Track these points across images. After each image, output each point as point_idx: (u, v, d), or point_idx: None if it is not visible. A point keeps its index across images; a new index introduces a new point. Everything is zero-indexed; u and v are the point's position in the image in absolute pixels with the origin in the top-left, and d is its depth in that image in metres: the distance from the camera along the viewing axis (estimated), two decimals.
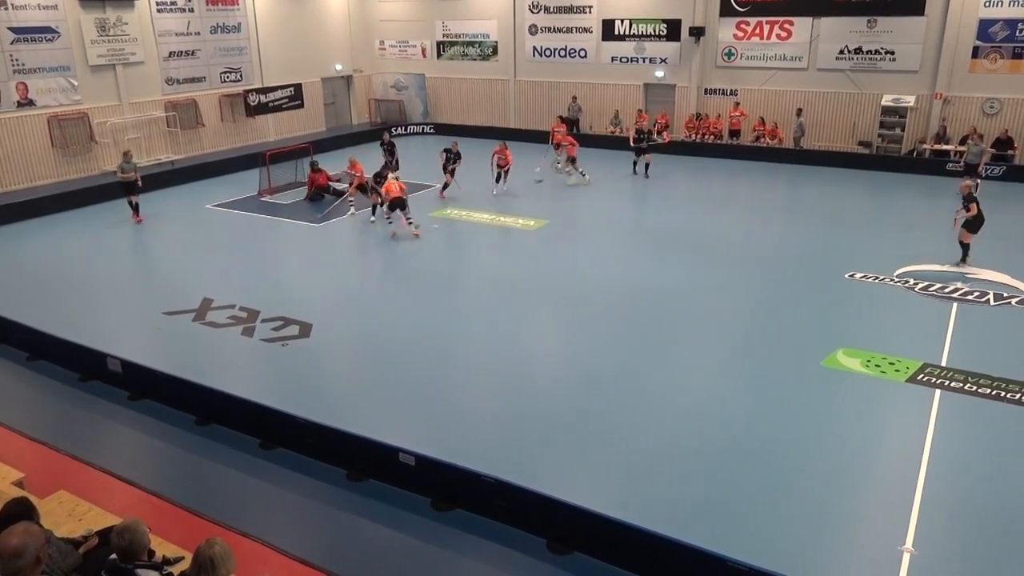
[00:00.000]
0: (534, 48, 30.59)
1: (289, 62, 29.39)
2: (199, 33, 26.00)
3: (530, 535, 7.26)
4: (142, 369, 10.08)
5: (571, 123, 29.41)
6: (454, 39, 32.31)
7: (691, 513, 7.52)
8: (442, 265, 15.61)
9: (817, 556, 7.01)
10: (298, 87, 29.62)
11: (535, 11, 30.11)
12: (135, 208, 18.69)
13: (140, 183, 18.76)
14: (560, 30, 29.89)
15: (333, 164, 22.33)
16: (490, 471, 7.55)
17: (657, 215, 19.49)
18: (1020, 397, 9.62)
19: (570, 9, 29.38)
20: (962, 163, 21.17)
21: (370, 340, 11.78)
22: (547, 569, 6.92)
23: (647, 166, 22.98)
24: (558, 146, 23.63)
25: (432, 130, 31.77)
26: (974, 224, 14.16)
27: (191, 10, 25.55)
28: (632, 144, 23.19)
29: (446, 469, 7.77)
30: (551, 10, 29.75)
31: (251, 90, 27.76)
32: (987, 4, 22.77)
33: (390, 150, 22.11)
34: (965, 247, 14.37)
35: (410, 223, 16.98)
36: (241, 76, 27.69)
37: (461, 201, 19.95)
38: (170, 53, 25.14)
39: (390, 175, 17.73)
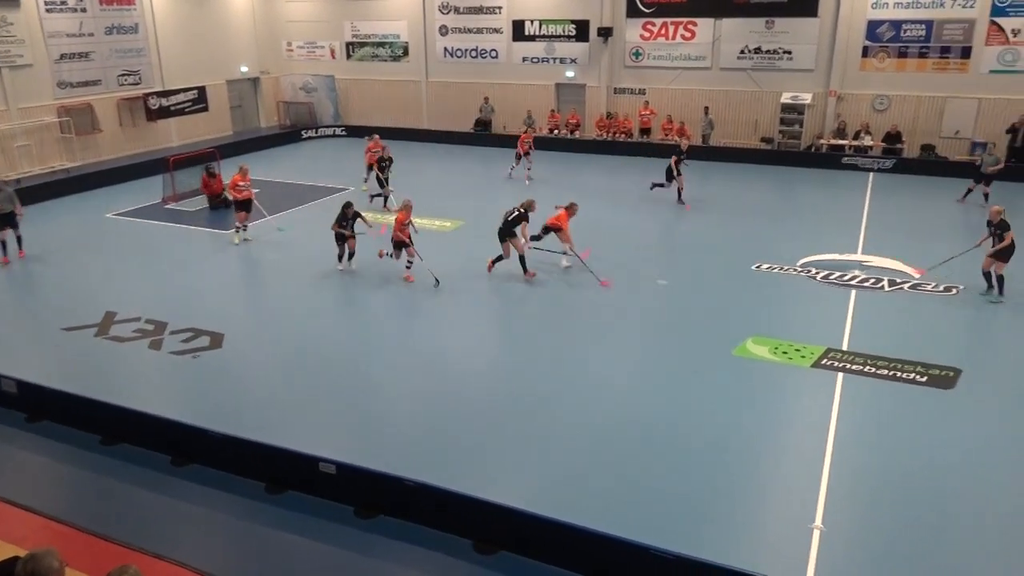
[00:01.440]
0: (445, 49, 30.52)
1: (192, 64, 28.39)
2: (93, 34, 24.79)
3: (456, 537, 7.25)
4: (39, 389, 9.55)
5: (484, 124, 29.53)
6: (364, 40, 31.91)
7: (612, 505, 7.66)
8: (357, 269, 15.37)
9: (733, 538, 7.24)
10: (202, 90, 28.65)
11: (445, 12, 30.04)
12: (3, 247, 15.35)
13: (21, 213, 15.44)
14: (471, 31, 29.92)
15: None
16: (413, 475, 7.50)
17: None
18: (915, 376, 10.20)
19: (480, 10, 29.45)
20: (981, 172, 19.38)
21: (285, 348, 11.51)
22: (474, 570, 6.92)
23: (680, 191, 19.93)
24: (526, 154, 22.63)
25: (344, 132, 31.27)
26: (1006, 253, 12.77)
27: (83, 10, 24.33)
28: (677, 170, 19.72)
29: (368, 476, 7.67)
30: (461, 11, 29.75)
31: (151, 93, 26.67)
32: (874, 6, 24.05)
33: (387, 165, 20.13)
34: (1000, 279, 12.92)
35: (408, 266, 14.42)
36: (140, 79, 26.58)
37: (375, 204, 19.69)
38: (61, 55, 23.88)
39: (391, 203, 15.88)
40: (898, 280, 13.86)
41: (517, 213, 14.22)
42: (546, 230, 14.69)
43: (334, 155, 27.95)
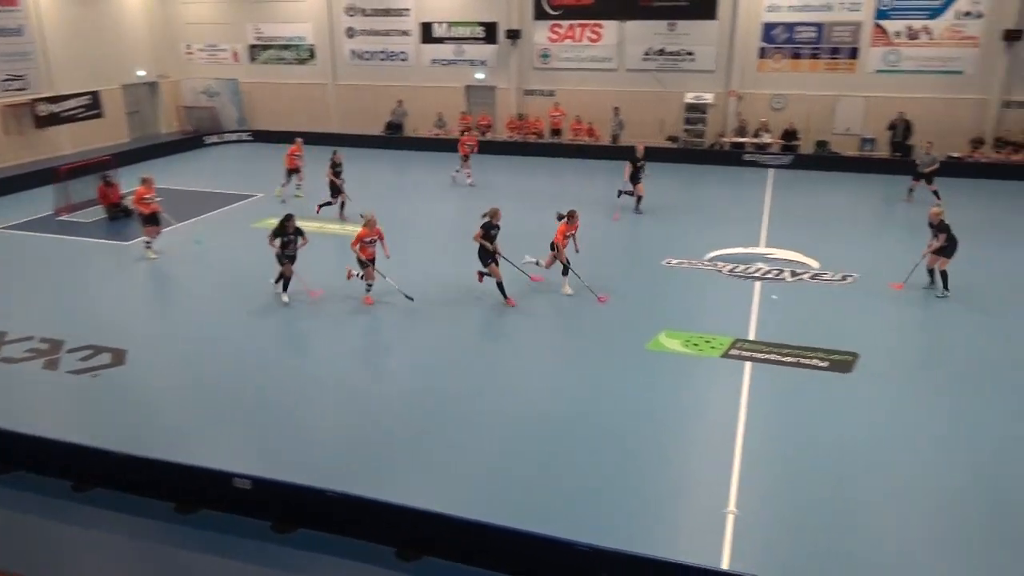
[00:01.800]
0: (353, 51, 30.10)
1: (84, 68, 27.05)
2: None
3: (379, 546, 7.16)
4: None
5: (395, 127, 29.28)
6: (268, 42, 31.13)
7: (532, 503, 7.72)
8: (266, 278, 14.95)
9: (652, 527, 7.42)
10: (95, 95, 27.35)
11: (351, 14, 29.63)
12: None
13: None
14: (378, 33, 29.61)
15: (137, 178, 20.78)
16: (332, 486, 7.37)
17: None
18: (816, 362, 10.68)
19: (387, 12, 29.18)
20: (920, 172, 19.74)
21: (192, 363, 11.10)
22: None
23: (639, 199, 19.27)
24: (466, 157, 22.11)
25: (250, 137, 30.43)
26: (949, 250, 13.14)
27: None
28: (631, 178, 19.08)
29: (286, 489, 7.49)
30: (368, 12, 29.40)
31: (40, 99, 25.27)
32: (769, 9, 25.08)
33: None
34: (943, 275, 13.25)
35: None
36: (27, 84, 25.14)
37: (286, 210, 19.18)
38: None
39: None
40: (799, 271, 14.48)
41: (486, 223, 12.87)
42: (554, 247, 13.48)
43: (241, 161, 27.18)
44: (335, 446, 8.94)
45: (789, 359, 10.80)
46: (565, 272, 13.47)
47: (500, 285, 12.96)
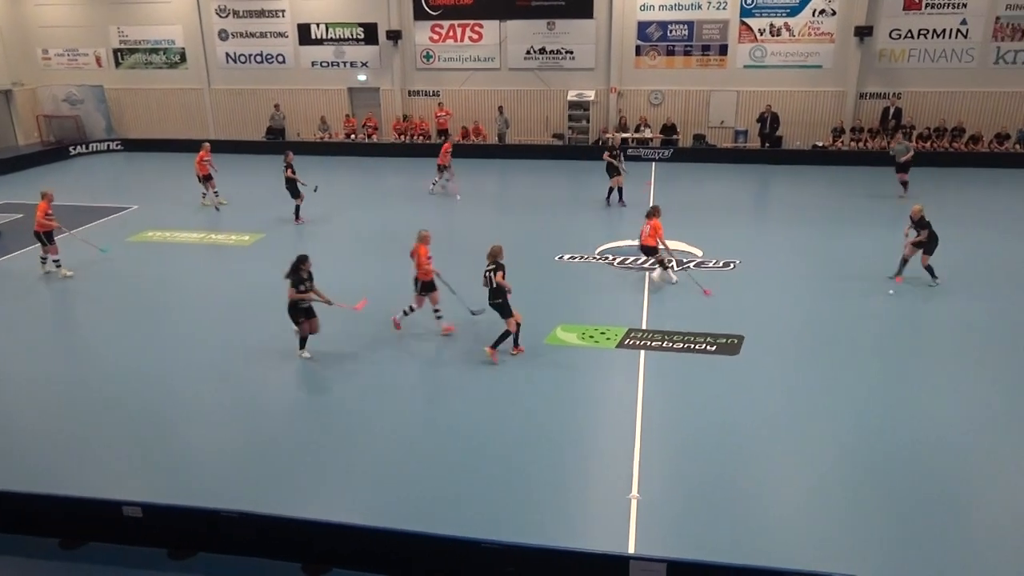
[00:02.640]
0: (227, 54, 29.03)
1: None
2: None
3: (283, 563, 6.95)
4: None
5: (276, 132, 28.46)
6: (134, 46, 29.57)
7: (437, 506, 7.68)
8: (146, 293, 14.22)
9: (558, 519, 7.52)
10: None
11: (223, 15, 28.55)
12: None
13: None
14: (254, 35, 28.68)
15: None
16: (229, 506, 7.10)
17: (368, 216, 19.40)
18: (706, 347, 11.15)
19: (261, 13, 28.30)
20: (897, 161, 20.05)
21: (69, 387, 10.41)
22: None
23: (621, 190, 19.41)
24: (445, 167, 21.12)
25: (120, 146, 28.87)
26: (930, 247, 13.34)
27: None
28: (608, 171, 19.22)
29: (179, 513, 7.15)
30: (241, 14, 28.42)
31: None
32: (642, 8, 25.94)
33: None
34: (928, 268, 13.46)
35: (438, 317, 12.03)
36: None
37: (165, 221, 18.35)
38: None
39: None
40: (685, 260, 15.05)
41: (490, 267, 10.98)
42: (650, 251, 13.95)
43: (112, 172, 25.73)
44: (227, 464, 8.59)
45: (680, 345, 11.22)
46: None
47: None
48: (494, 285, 10.82)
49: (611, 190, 19.56)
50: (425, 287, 11.59)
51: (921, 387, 10.01)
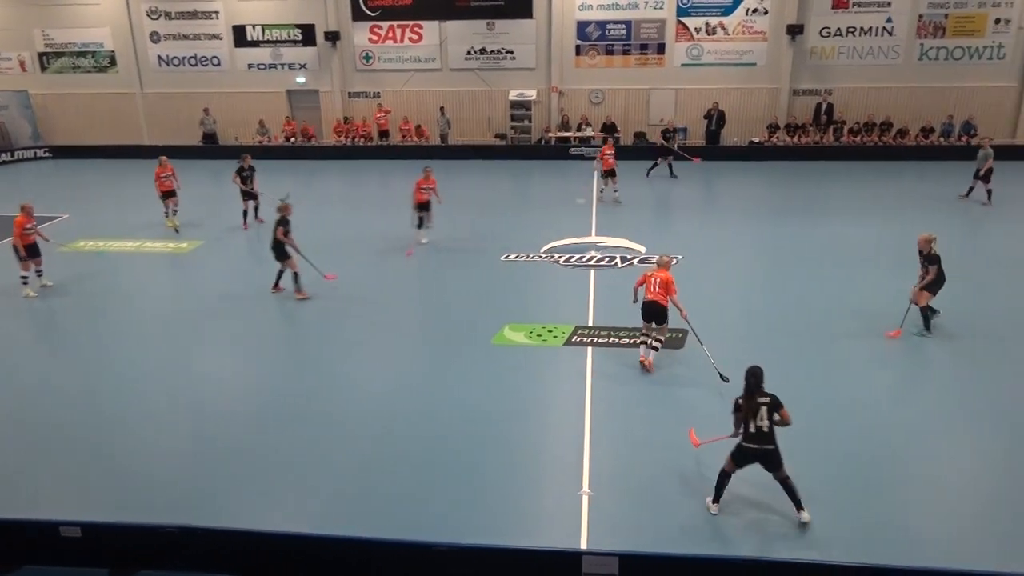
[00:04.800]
0: (160, 57, 28.29)
1: None
2: None
3: None
4: None
5: (209, 136, 27.86)
6: (60, 50, 28.59)
7: (391, 510, 7.61)
8: (81, 304, 13.75)
9: (509, 518, 7.53)
10: None
11: (155, 17, 27.81)
12: None
13: None
14: (187, 37, 28.01)
15: None
16: (172, 520, 6.91)
17: (312, 219, 19.14)
18: (651, 343, 11.27)
19: (194, 15, 27.64)
20: (975, 173, 18.85)
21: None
22: None
23: (671, 166, 22.96)
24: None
25: (48, 154, 27.90)
26: (935, 286, 11.15)
27: None
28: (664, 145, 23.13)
29: (121, 531, 6.94)
30: (173, 16, 27.72)
31: None
32: (581, 8, 26.17)
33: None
34: (923, 312, 11.28)
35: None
36: None
37: (98, 230, 17.75)
38: None
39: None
40: (629, 256, 15.24)
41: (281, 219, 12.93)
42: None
43: (39, 180, 24.81)
44: (167, 478, 8.33)
45: (626, 341, 11.34)
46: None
47: (296, 276, 13.18)
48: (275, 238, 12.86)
49: (655, 164, 22.79)
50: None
51: (857, 371, 10.32)
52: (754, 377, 7.20)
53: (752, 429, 7.12)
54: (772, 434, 7.11)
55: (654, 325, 10.52)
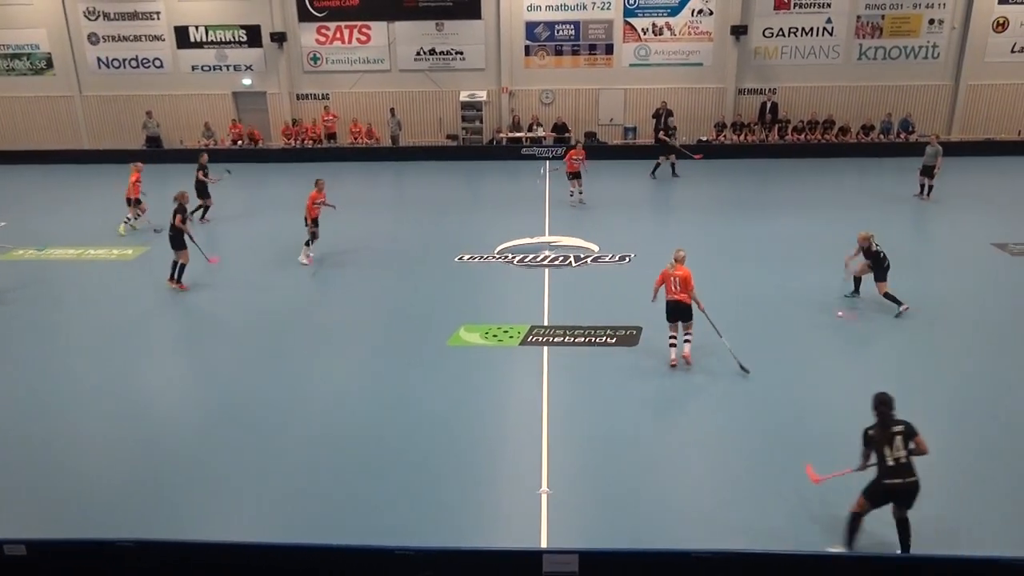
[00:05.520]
0: (99, 59, 27.51)
1: None
2: None
3: None
4: None
5: (153, 140, 27.17)
6: None
7: (347, 516, 7.54)
8: (19, 316, 13.31)
9: (469, 519, 7.54)
10: None
11: (92, 17, 27.04)
12: None
13: None
14: (127, 38, 27.31)
15: None
16: (126, 534, 6.74)
17: (266, 224, 18.84)
18: (606, 339, 11.41)
19: (134, 15, 26.96)
20: (924, 169, 19.39)
21: None
22: None
23: (674, 166, 22.77)
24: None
25: None
26: (880, 273, 12.06)
27: None
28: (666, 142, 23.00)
29: (68, 547, 6.72)
30: (112, 16, 26.99)
31: None
32: (529, 9, 26.27)
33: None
34: (887, 295, 12.02)
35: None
36: None
37: (36, 238, 17.16)
38: None
39: None
40: (582, 255, 15.36)
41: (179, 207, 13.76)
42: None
43: None
44: (119, 490, 8.12)
45: (582, 339, 11.44)
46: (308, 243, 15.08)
47: (183, 268, 13.78)
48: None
49: (658, 164, 22.54)
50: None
51: (804, 365, 10.57)
52: (885, 404, 6.53)
53: (890, 462, 6.39)
54: (911, 465, 6.42)
55: (680, 324, 10.44)
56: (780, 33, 26.14)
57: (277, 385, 10.34)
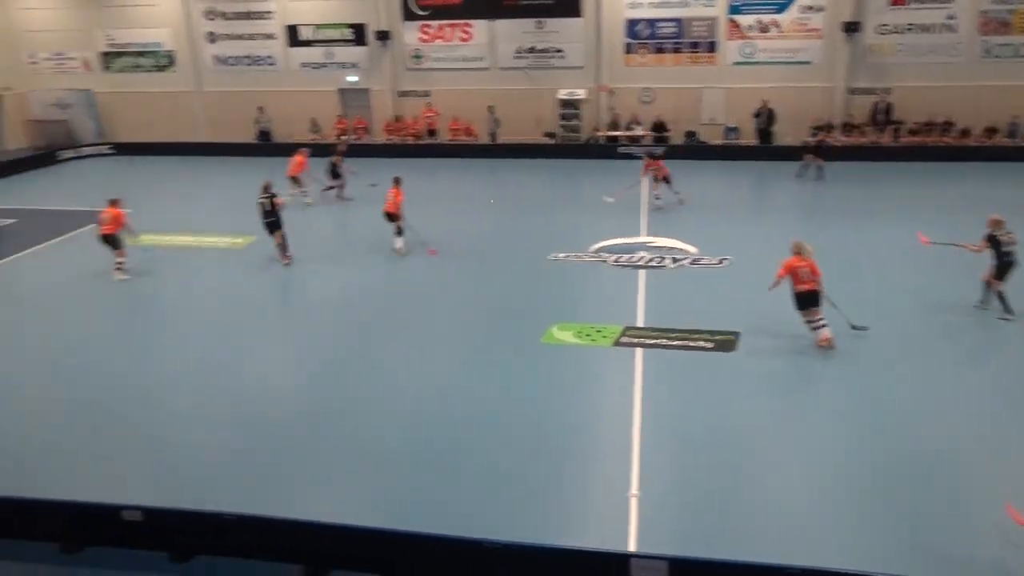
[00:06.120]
0: (216, 57, 28.91)
1: None
2: None
3: (284, 564, 6.93)
4: None
5: (264, 134, 28.37)
6: (122, 49, 29.41)
7: (438, 506, 7.69)
8: (138, 297, 14.19)
9: (558, 518, 7.55)
10: None
11: (211, 17, 28.43)
12: None
13: None
14: (242, 37, 28.57)
15: None
16: (229, 508, 7.09)
17: (368, 218, 19.34)
18: (702, 343, 11.18)
19: (249, 15, 28.18)
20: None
21: (63, 390, 10.37)
22: None
23: (820, 168, 21.65)
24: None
25: (112, 150, 28.72)
26: (999, 271, 11.27)
27: None
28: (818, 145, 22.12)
29: (180, 516, 7.14)
30: (229, 16, 28.30)
31: None
32: (630, 6, 25.95)
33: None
34: (999, 295, 11.37)
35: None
36: None
37: (158, 224, 18.21)
38: None
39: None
40: (679, 257, 15.08)
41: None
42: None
43: (102, 176, 25.55)
44: (225, 466, 8.57)
45: (677, 342, 11.24)
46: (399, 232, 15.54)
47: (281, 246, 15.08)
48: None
49: (805, 165, 21.78)
50: None
51: (921, 385, 10.05)
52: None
53: None
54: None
55: (810, 310, 10.68)
56: (896, 30, 24.85)
57: (374, 373, 10.65)
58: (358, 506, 7.71)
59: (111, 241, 14.69)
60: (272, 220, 14.94)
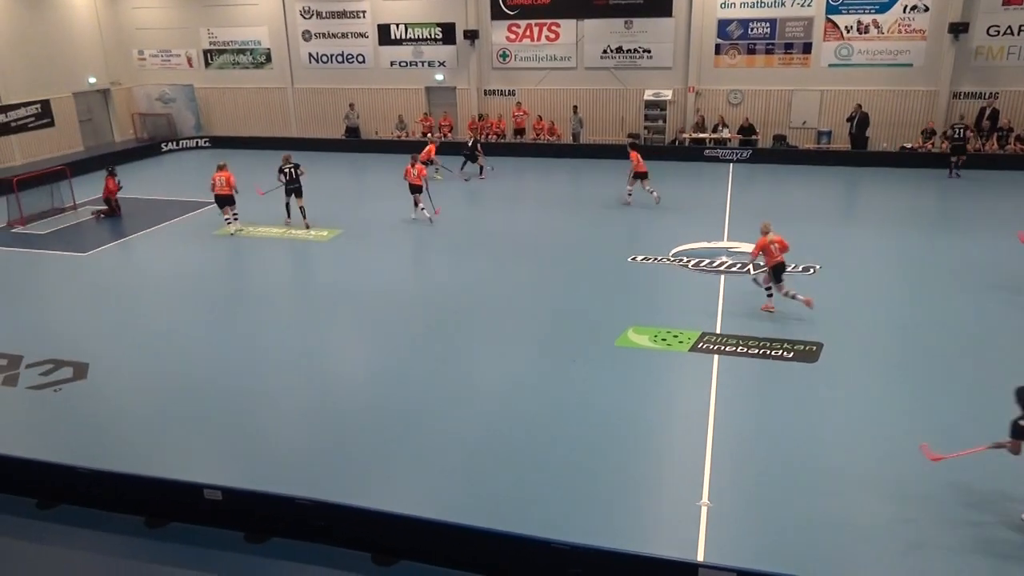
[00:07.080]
0: (310, 54, 29.83)
1: (33, 76, 26.49)
2: None
3: (354, 551, 7.11)
4: None
5: (352, 130, 29.09)
6: (222, 47, 30.70)
7: (507, 503, 7.73)
8: (231, 286, 14.79)
9: (627, 523, 7.47)
10: (46, 103, 26.76)
11: (307, 16, 29.35)
12: None
13: None
14: (335, 35, 29.38)
15: (95, 186, 20.43)
16: (303, 493, 7.31)
17: (449, 216, 19.65)
18: (783, 353, 10.85)
19: (343, 14, 28.96)
20: None
21: (157, 374, 10.89)
22: None
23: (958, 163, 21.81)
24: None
25: (208, 143, 29.99)
26: None
27: None
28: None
29: (257, 498, 7.40)
30: (324, 15, 29.16)
31: None
32: (723, 6, 25.41)
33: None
34: None
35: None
36: None
37: (248, 216, 18.95)
38: None
39: None
40: (760, 264, 14.65)
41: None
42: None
43: (200, 168, 26.60)
44: (304, 453, 8.84)
45: (755, 351, 10.96)
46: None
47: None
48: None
49: (953, 163, 21.83)
50: None
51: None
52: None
53: None
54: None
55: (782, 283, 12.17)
56: (1008, 31, 23.50)
57: (449, 373, 10.76)
58: (428, 498, 7.82)
59: (226, 200, 17.41)
60: (296, 186, 17.53)
